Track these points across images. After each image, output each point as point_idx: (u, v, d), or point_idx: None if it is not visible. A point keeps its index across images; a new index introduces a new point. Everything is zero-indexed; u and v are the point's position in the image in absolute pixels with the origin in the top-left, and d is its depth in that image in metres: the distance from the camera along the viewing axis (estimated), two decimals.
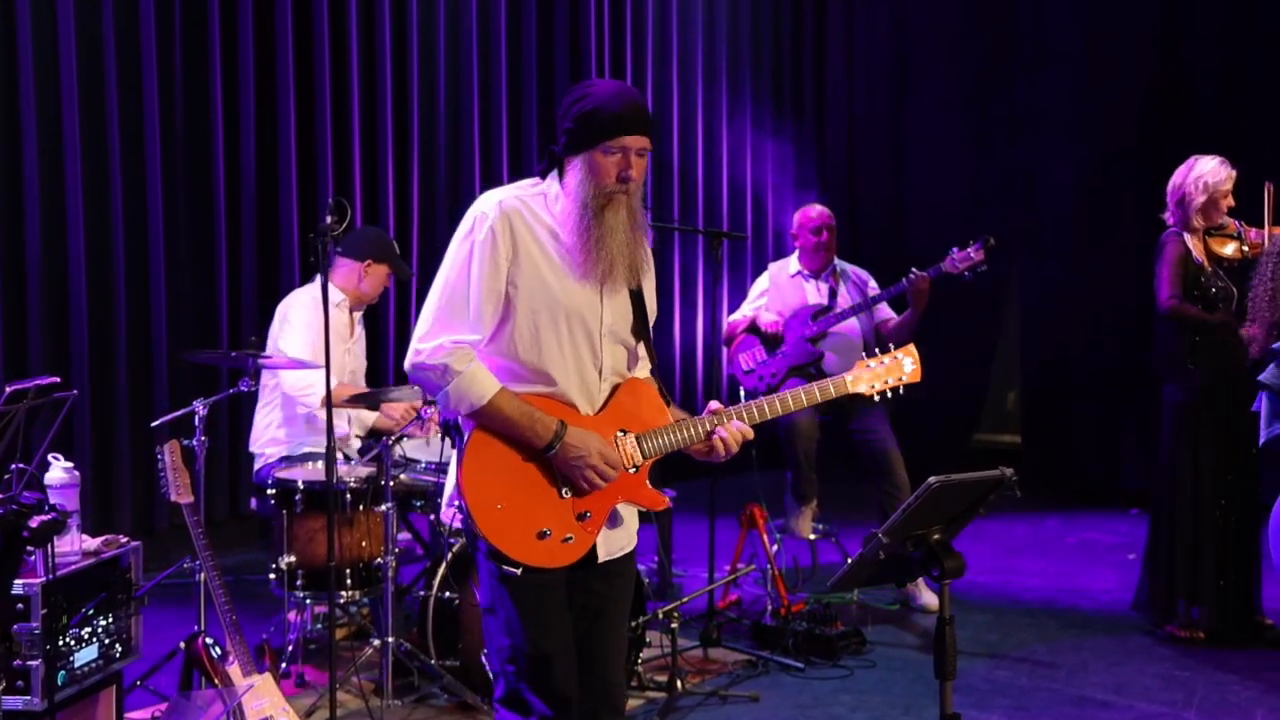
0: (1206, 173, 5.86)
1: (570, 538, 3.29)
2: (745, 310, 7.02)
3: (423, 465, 5.67)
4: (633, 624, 4.87)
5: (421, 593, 5.23)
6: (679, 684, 5.22)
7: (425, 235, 8.60)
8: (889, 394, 3.63)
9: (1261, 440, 3.32)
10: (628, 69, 9.61)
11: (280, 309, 5.87)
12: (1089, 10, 9.46)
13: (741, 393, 6.91)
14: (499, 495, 3.25)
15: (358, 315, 6.03)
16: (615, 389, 3.40)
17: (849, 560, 3.47)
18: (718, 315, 9.67)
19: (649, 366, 3.52)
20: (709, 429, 3.39)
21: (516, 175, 8.89)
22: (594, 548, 3.34)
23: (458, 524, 3.40)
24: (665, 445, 3.39)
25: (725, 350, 7.29)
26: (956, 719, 3.28)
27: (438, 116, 8.63)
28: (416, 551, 6.25)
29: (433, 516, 5.63)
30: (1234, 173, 5.89)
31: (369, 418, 5.87)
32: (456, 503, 3.29)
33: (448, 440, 5.52)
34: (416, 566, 5.89)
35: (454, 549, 5.16)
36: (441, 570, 5.14)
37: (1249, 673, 5.56)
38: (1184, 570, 6.00)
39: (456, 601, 5.09)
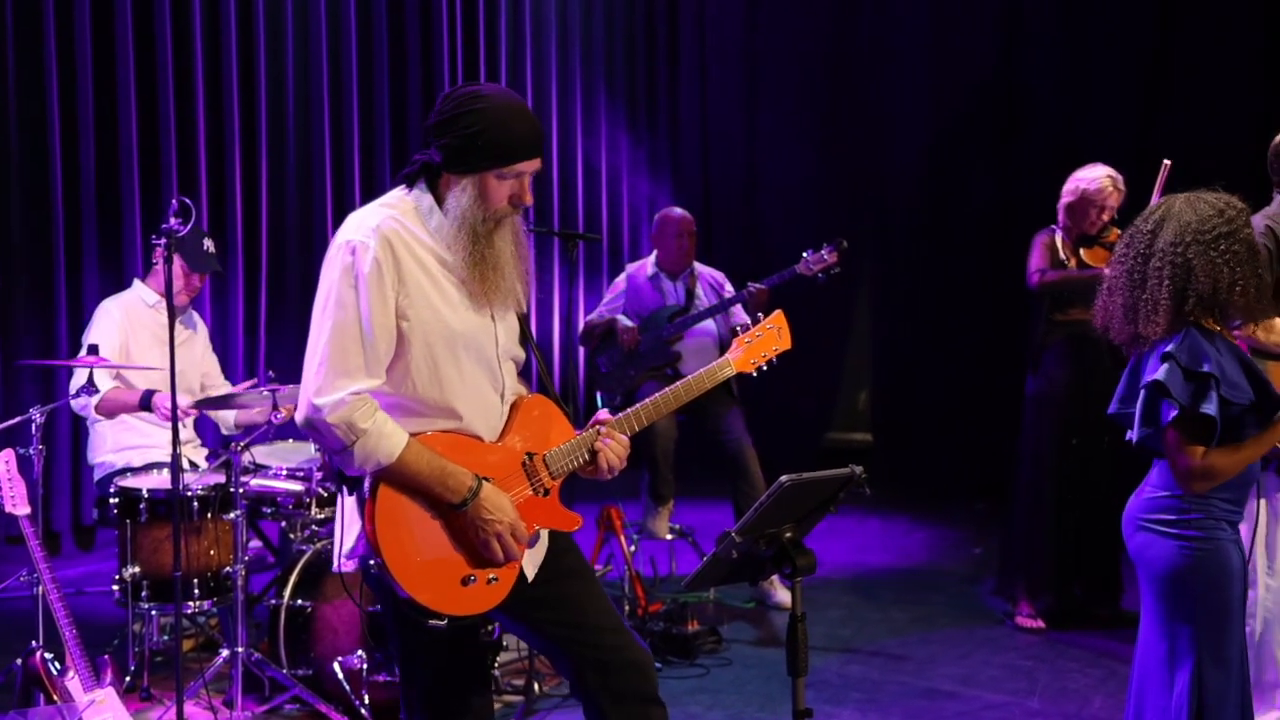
0: (1085, 178, 5.99)
1: (494, 578, 3.14)
2: (603, 311, 7.03)
3: (274, 471, 5.57)
4: (488, 627, 4.84)
5: (273, 601, 5.13)
6: (536, 687, 5.20)
7: (274, 237, 8.45)
8: (765, 367, 3.61)
9: (1134, 439, 3.40)
10: (481, 71, 9.56)
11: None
12: (932, 12, 9.65)
13: (598, 394, 6.91)
14: (416, 549, 3.05)
15: (180, 317, 5.80)
16: (514, 408, 3.26)
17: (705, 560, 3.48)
18: (573, 316, 9.69)
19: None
20: (596, 447, 3.26)
21: (368, 177, 8.87)
22: (522, 572, 3.21)
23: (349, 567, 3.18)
24: (573, 462, 3.26)
25: (582, 351, 7.29)
26: (808, 714, 3.32)
27: (286, 117, 8.49)
28: (268, 560, 6.13)
29: (284, 523, 5.54)
30: (1115, 189, 5.95)
31: (229, 416, 5.77)
32: (372, 562, 3.05)
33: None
34: (268, 575, 5.78)
35: (306, 556, 5.07)
36: (293, 578, 5.05)
37: (1089, 660, 5.73)
38: (1032, 562, 6.18)
39: (309, 609, 5.00)
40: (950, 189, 9.56)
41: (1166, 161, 5.55)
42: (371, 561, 3.05)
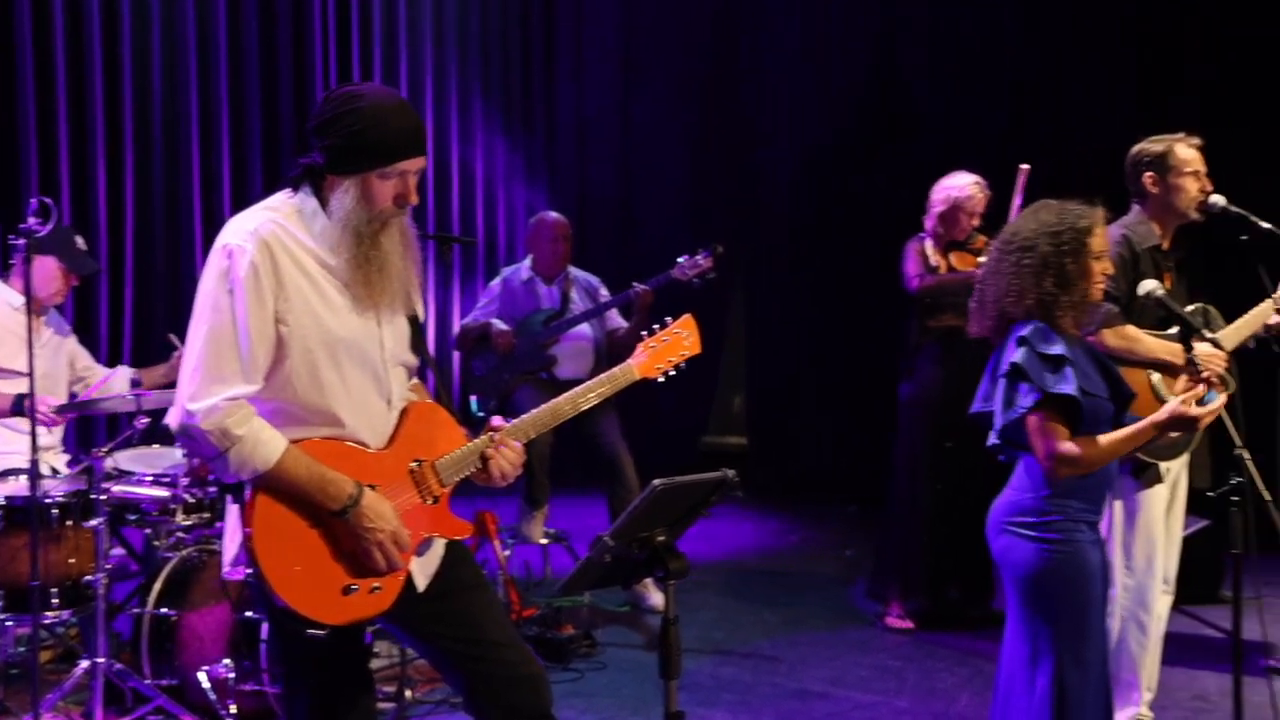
0: (954, 185, 6.12)
1: (378, 587, 3.07)
2: (478, 315, 6.98)
3: (138, 477, 5.44)
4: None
5: (136, 610, 5.01)
6: (408, 693, 5.15)
7: (140, 240, 8.26)
8: (673, 371, 3.57)
9: (997, 427, 3.47)
10: (355, 72, 9.44)
11: None
12: (807, 15, 9.76)
13: (473, 398, 6.87)
14: (296, 557, 2.98)
15: (44, 318, 5.65)
16: (403, 415, 3.18)
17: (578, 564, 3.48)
18: (448, 320, 9.62)
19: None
20: (488, 455, 3.21)
21: (239, 178, 8.71)
22: (410, 580, 3.15)
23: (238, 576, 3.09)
24: (464, 470, 3.20)
25: (457, 355, 7.24)
26: (680, 717, 3.33)
27: (152, 115, 8.30)
28: (131, 568, 5.98)
29: (148, 531, 5.41)
30: (984, 194, 6.11)
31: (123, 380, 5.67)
32: (249, 570, 2.98)
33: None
34: (131, 583, 5.65)
35: (171, 563, 4.97)
36: (158, 585, 4.94)
37: (957, 660, 5.83)
38: (907, 564, 6.28)
39: (174, 618, 4.90)
40: (826, 192, 9.66)
41: (1024, 166, 5.68)
42: (248, 570, 2.99)
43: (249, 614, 4.69)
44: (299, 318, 3.00)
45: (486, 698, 3.23)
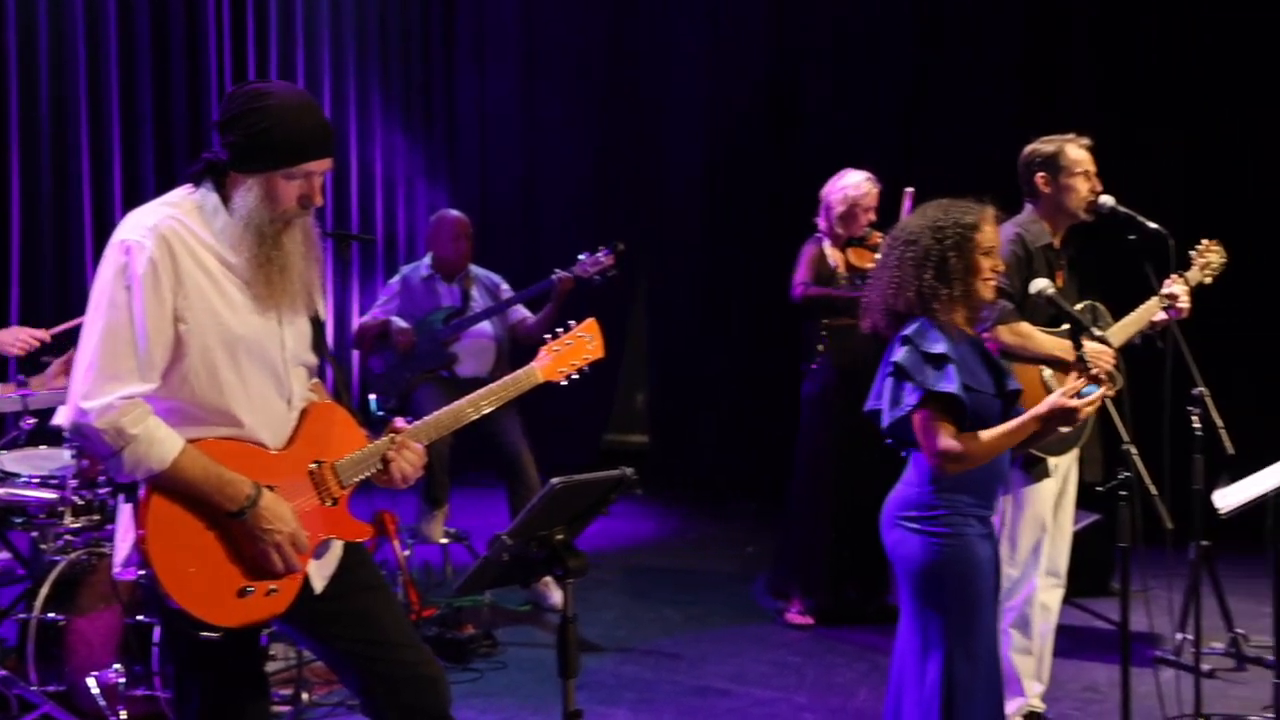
0: (850, 184, 6.19)
1: (274, 589, 3.03)
2: (377, 313, 6.92)
3: (24, 479, 5.31)
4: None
5: (22, 615, 4.89)
6: (305, 695, 5.09)
7: (28, 237, 8.08)
8: (576, 375, 3.55)
9: (884, 425, 3.51)
10: (250, 68, 9.31)
11: None
12: (708, 12, 9.78)
13: (372, 397, 6.81)
14: (190, 559, 2.93)
15: None
16: (303, 416, 3.15)
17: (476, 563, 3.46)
18: (347, 318, 9.52)
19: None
20: (389, 456, 3.18)
21: (130, 176, 8.54)
22: (307, 582, 3.11)
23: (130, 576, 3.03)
24: (364, 471, 3.16)
25: (356, 354, 7.17)
26: (578, 716, 3.33)
27: (39, 111, 8.10)
28: (18, 572, 5.84)
29: (35, 534, 5.28)
30: (876, 188, 6.20)
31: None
32: (142, 572, 2.93)
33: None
34: (18, 588, 5.51)
35: (59, 567, 4.85)
36: (45, 590, 4.82)
37: (855, 655, 5.90)
38: (808, 561, 6.32)
39: (62, 623, 4.79)
40: (728, 189, 9.71)
41: (909, 190, 5.80)
42: (141, 572, 2.94)
43: (140, 617, 4.61)
44: (198, 316, 2.96)
45: (384, 698, 3.21)
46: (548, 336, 3.53)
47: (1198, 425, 4.86)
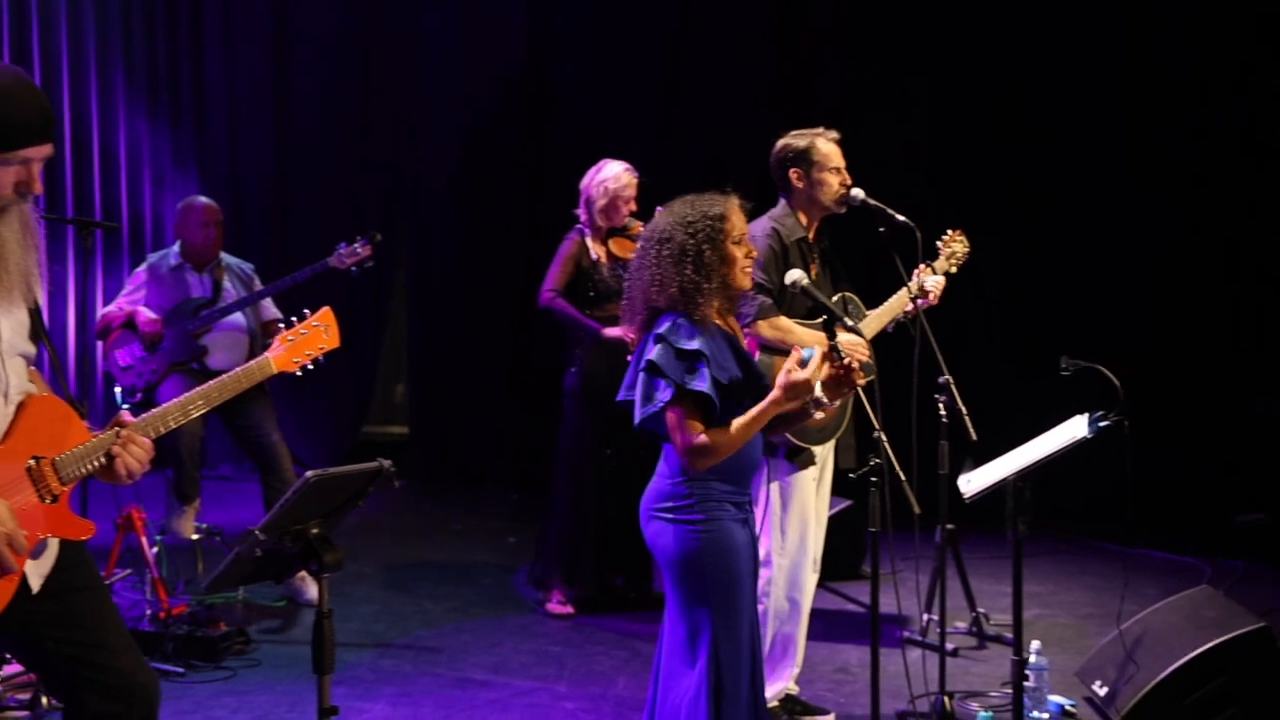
0: (609, 177, 6.21)
1: None
2: (122, 303, 6.64)
3: None
4: None
5: None
6: (44, 700, 4.85)
7: None
8: (311, 365, 3.48)
9: (636, 420, 3.53)
10: None
11: None
12: (462, 11, 9.71)
13: (118, 390, 6.54)
14: None
15: None
16: (21, 409, 2.99)
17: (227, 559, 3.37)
18: (90, 308, 9.12)
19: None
20: (113, 452, 3.03)
21: None
22: (25, 582, 2.96)
23: None
24: (87, 467, 3.01)
25: (100, 345, 6.87)
26: (334, 712, 3.28)
27: None
28: None
29: None
30: (635, 179, 6.24)
31: None
32: None
33: None
34: None
35: None
36: None
37: (615, 643, 5.94)
38: (572, 552, 6.34)
39: None
40: (487, 179, 9.65)
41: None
42: None
43: None
44: None
45: (92, 704, 3.08)
46: (282, 325, 3.46)
47: (944, 413, 5.05)
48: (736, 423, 3.51)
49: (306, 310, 3.53)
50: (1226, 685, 4.66)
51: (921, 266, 4.99)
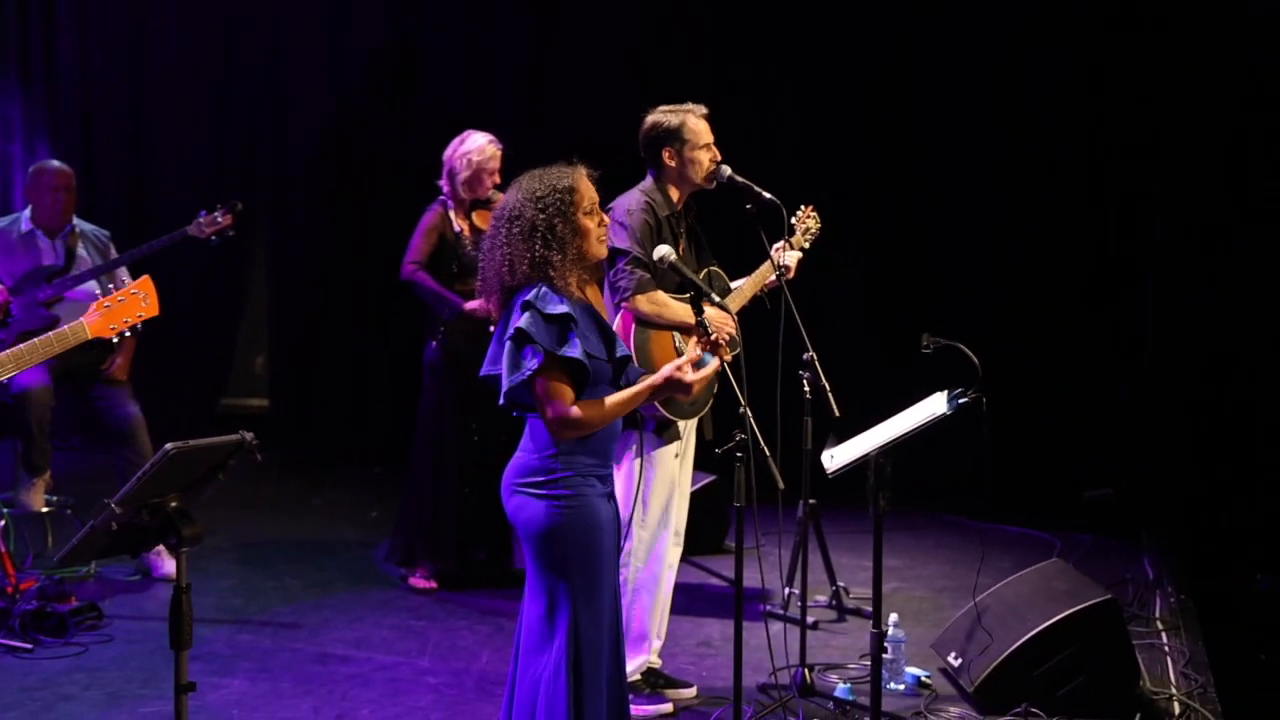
0: (474, 149, 6.16)
1: None
2: None
3: None
4: None
5: None
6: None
7: None
8: (128, 332, 3.43)
9: (503, 390, 3.50)
10: None
11: None
12: None
13: None
14: None
15: None
16: None
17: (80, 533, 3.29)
18: None
19: None
20: None
21: None
22: None
23: None
24: None
25: None
26: (190, 688, 3.22)
27: None
28: None
29: None
30: (499, 150, 6.19)
31: None
32: None
33: None
34: None
35: None
36: None
37: (478, 618, 5.93)
38: (434, 526, 6.30)
39: None
40: (349, 150, 9.52)
41: None
42: None
43: None
44: None
45: None
46: (98, 293, 3.40)
47: (808, 389, 5.11)
48: (612, 399, 3.50)
49: (126, 278, 3.50)
50: (1075, 655, 4.80)
51: (780, 243, 5.04)
